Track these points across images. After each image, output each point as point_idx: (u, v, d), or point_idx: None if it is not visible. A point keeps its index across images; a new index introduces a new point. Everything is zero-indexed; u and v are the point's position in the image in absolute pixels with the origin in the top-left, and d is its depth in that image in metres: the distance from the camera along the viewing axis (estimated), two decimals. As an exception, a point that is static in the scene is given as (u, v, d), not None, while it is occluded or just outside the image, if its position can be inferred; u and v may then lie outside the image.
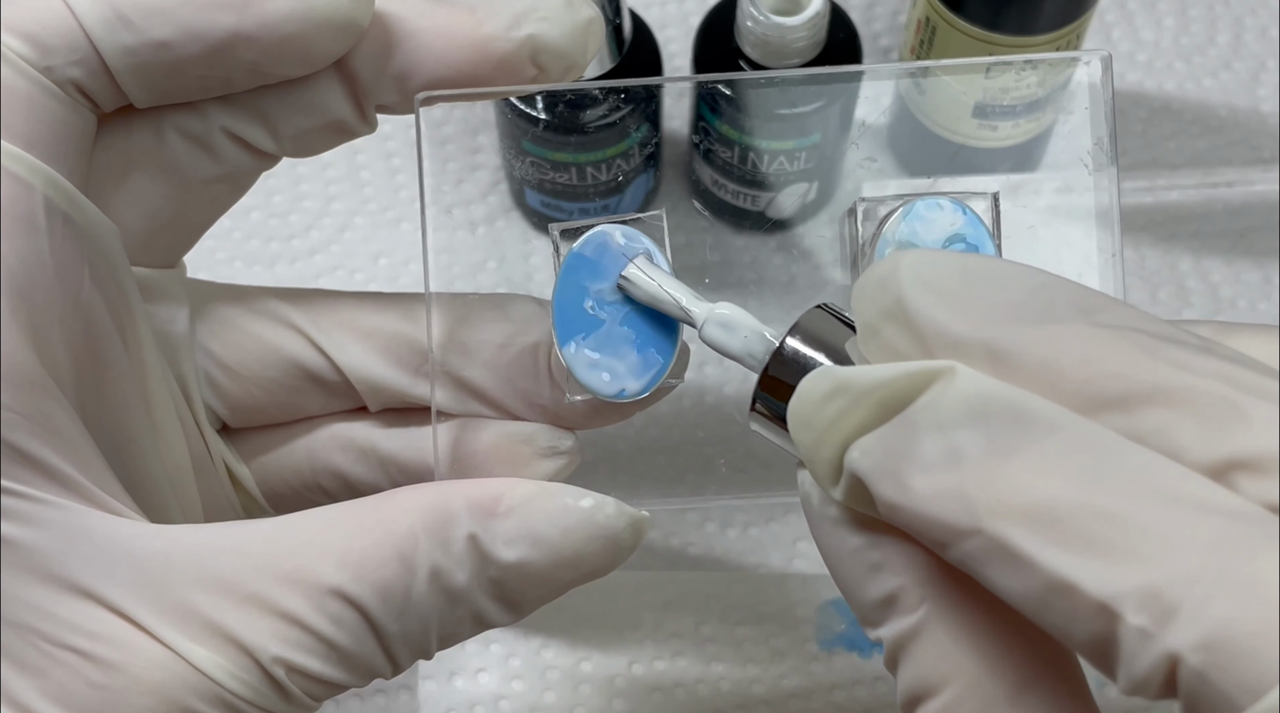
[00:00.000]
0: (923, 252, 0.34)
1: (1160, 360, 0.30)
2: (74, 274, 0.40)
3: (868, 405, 0.33)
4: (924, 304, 0.33)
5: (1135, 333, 0.31)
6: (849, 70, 0.54)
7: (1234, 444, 0.29)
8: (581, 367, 0.43)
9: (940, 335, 0.32)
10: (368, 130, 0.45)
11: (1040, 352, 0.31)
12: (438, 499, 0.40)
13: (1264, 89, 0.75)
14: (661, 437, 0.48)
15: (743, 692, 0.60)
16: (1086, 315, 0.31)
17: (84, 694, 0.36)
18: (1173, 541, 0.28)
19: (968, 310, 0.32)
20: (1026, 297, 0.32)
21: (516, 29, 0.42)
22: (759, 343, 0.40)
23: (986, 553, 0.30)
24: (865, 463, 0.33)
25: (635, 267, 0.42)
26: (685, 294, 0.42)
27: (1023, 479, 0.30)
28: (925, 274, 0.33)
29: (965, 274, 0.33)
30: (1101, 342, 0.31)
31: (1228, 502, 0.28)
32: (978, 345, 0.32)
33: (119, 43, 0.40)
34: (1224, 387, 0.29)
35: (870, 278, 0.34)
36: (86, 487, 0.38)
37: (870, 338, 0.34)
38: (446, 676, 0.60)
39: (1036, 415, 0.30)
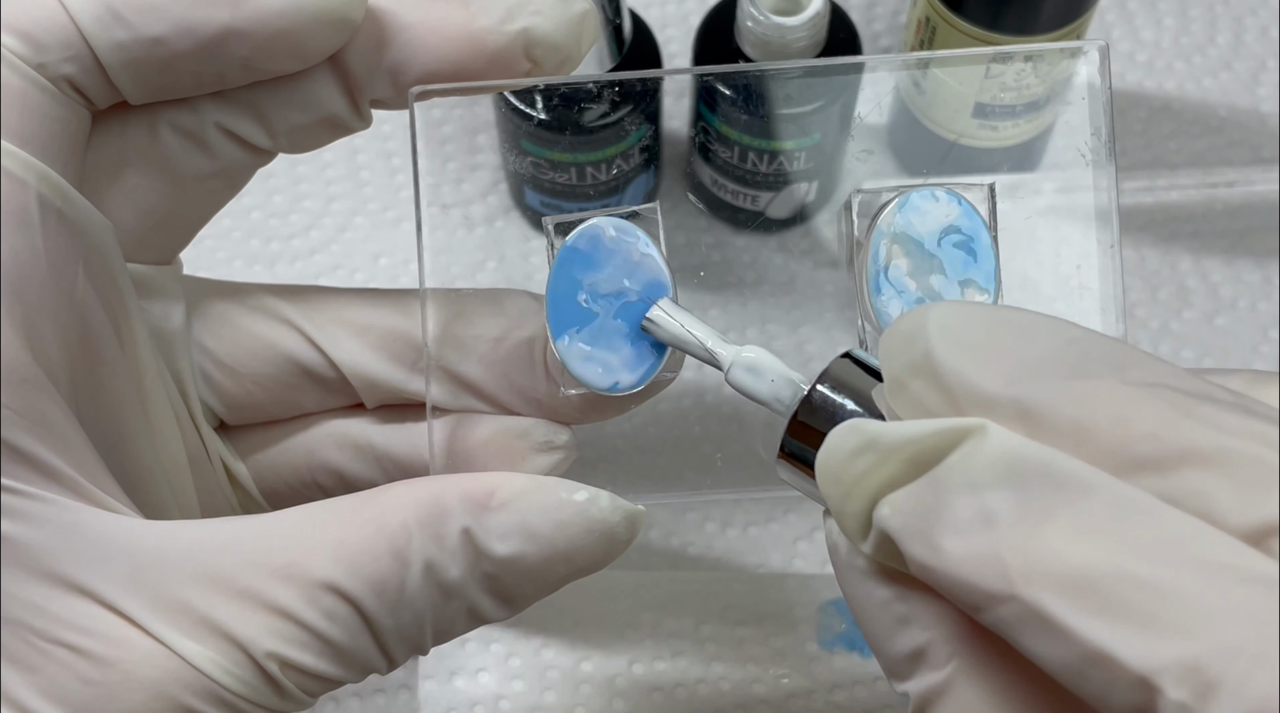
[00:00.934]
0: (951, 304, 0.33)
1: (1195, 420, 0.29)
2: (68, 270, 0.40)
3: (897, 461, 0.32)
4: (952, 360, 0.32)
5: (1169, 391, 0.30)
6: (849, 62, 0.54)
7: (1271, 508, 0.28)
8: (575, 360, 0.43)
9: (970, 392, 0.32)
10: (363, 125, 0.45)
11: (1073, 410, 0.30)
12: (431, 493, 0.40)
13: (1264, 89, 0.75)
14: (661, 435, 0.48)
15: (743, 692, 0.60)
16: (1118, 371, 0.31)
17: (78, 690, 0.36)
18: (1213, 612, 0.27)
19: (997, 366, 0.32)
20: (1057, 351, 0.32)
21: (510, 22, 0.42)
22: (786, 388, 0.40)
23: (1022, 620, 0.29)
24: (895, 521, 0.32)
25: (660, 309, 0.42)
26: (710, 336, 0.42)
27: (1058, 544, 0.29)
28: (953, 328, 0.33)
29: (994, 328, 0.32)
30: (1135, 400, 0.30)
31: (1267, 570, 0.28)
32: (1008, 403, 0.31)
33: (112, 39, 0.40)
34: (1260, 448, 0.29)
35: (897, 331, 0.34)
36: (80, 483, 0.38)
37: (898, 392, 0.34)
38: (447, 675, 0.60)
39: (1071, 477, 0.30)
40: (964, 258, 0.43)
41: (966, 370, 0.32)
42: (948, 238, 0.43)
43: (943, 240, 0.43)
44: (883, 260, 0.43)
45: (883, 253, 0.43)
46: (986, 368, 0.32)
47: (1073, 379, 0.31)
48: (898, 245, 0.43)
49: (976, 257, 0.43)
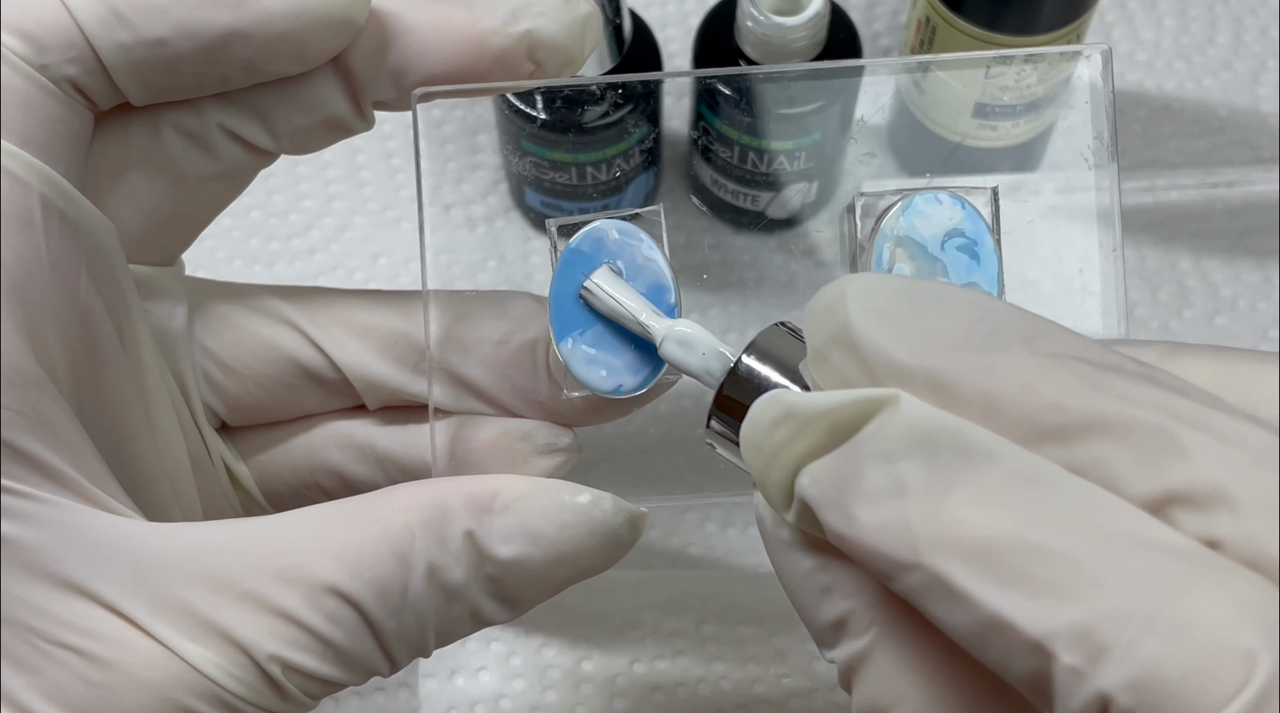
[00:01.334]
0: (870, 276, 0.34)
1: (1101, 390, 0.30)
2: (70, 272, 0.40)
3: (816, 431, 0.32)
4: (869, 331, 0.32)
5: (1077, 361, 0.30)
6: (849, 64, 0.54)
7: (1171, 478, 0.28)
8: (578, 362, 0.43)
9: (885, 363, 0.32)
10: (365, 127, 0.45)
11: (982, 381, 0.31)
12: (434, 496, 0.40)
13: (1264, 89, 0.75)
14: (662, 437, 0.48)
15: (744, 691, 0.60)
16: (1028, 343, 0.31)
17: (80, 692, 0.36)
18: (1106, 579, 0.28)
19: (912, 338, 0.32)
20: (971, 324, 0.32)
21: (513, 24, 0.42)
22: (716, 361, 0.41)
23: (927, 588, 0.30)
24: (813, 490, 0.32)
25: (594, 280, 0.42)
26: (645, 310, 0.42)
27: (962, 513, 0.29)
28: (871, 300, 0.33)
29: (911, 300, 0.32)
30: (1043, 371, 0.30)
31: (1163, 537, 0.28)
32: (921, 374, 0.31)
33: (115, 40, 0.40)
34: (1163, 418, 0.29)
35: (818, 302, 0.34)
36: (82, 484, 0.38)
37: (819, 363, 0.34)
38: (447, 674, 0.60)
39: (977, 446, 0.30)
40: (967, 261, 0.43)
41: (882, 342, 0.32)
42: (951, 241, 0.43)
43: (946, 244, 0.43)
44: (886, 263, 0.43)
45: (886, 256, 0.43)
46: (901, 339, 0.32)
47: (983, 351, 0.31)
48: (901, 248, 0.43)
49: (980, 260, 0.43)
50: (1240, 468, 0.28)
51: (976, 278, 0.43)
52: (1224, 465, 0.28)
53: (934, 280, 0.34)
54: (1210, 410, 0.29)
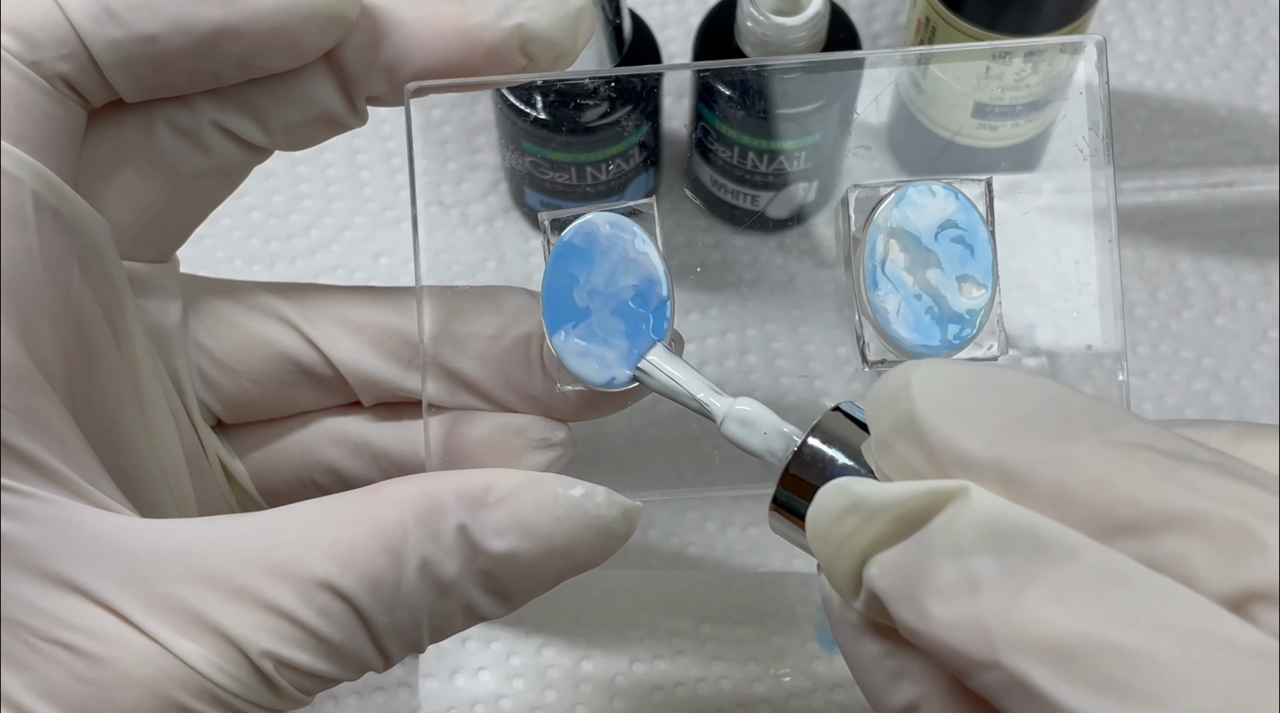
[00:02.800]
0: (934, 363, 0.33)
1: (1175, 483, 0.29)
2: (63, 269, 0.40)
3: (884, 521, 0.32)
4: (935, 421, 0.32)
5: (1150, 451, 0.30)
6: (848, 57, 0.54)
7: (1251, 574, 0.28)
8: (571, 355, 0.43)
9: (953, 454, 0.32)
10: (359, 122, 0.45)
11: (1054, 473, 0.30)
12: (427, 490, 0.40)
13: (1264, 89, 0.75)
14: (659, 434, 0.48)
15: (744, 691, 0.60)
16: (1100, 432, 0.31)
17: (72, 689, 0.36)
18: (1190, 682, 0.27)
19: (980, 428, 0.32)
20: (1039, 412, 0.31)
21: (505, 18, 0.42)
22: (779, 441, 0.40)
23: (1006, 687, 0.29)
24: (883, 582, 0.32)
25: (650, 360, 0.42)
26: (702, 387, 0.42)
27: (1040, 611, 0.29)
28: (936, 388, 0.32)
29: (977, 388, 0.32)
30: (1115, 462, 0.30)
31: (1246, 637, 0.28)
32: (990, 465, 0.31)
33: (107, 37, 0.40)
34: (1240, 511, 0.29)
35: (881, 391, 0.34)
36: (75, 481, 0.38)
37: (885, 452, 0.34)
38: (447, 674, 0.60)
39: (1053, 541, 0.30)
40: (961, 252, 0.43)
41: (949, 432, 0.32)
42: (945, 233, 0.42)
43: (940, 235, 0.43)
44: (879, 255, 0.43)
45: (880, 248, 0.43)
46: (969, 429, 0.32)
47: (1054, 441, 0.31)
48: (895, 240, 0.42)
49: (974, 251, 0.43)
50: None
51: (970, 270, 0.42)
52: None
53: (1000, 366, 0.33)
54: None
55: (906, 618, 0.31)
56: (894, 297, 0.42)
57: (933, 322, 0.42)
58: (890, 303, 0.42)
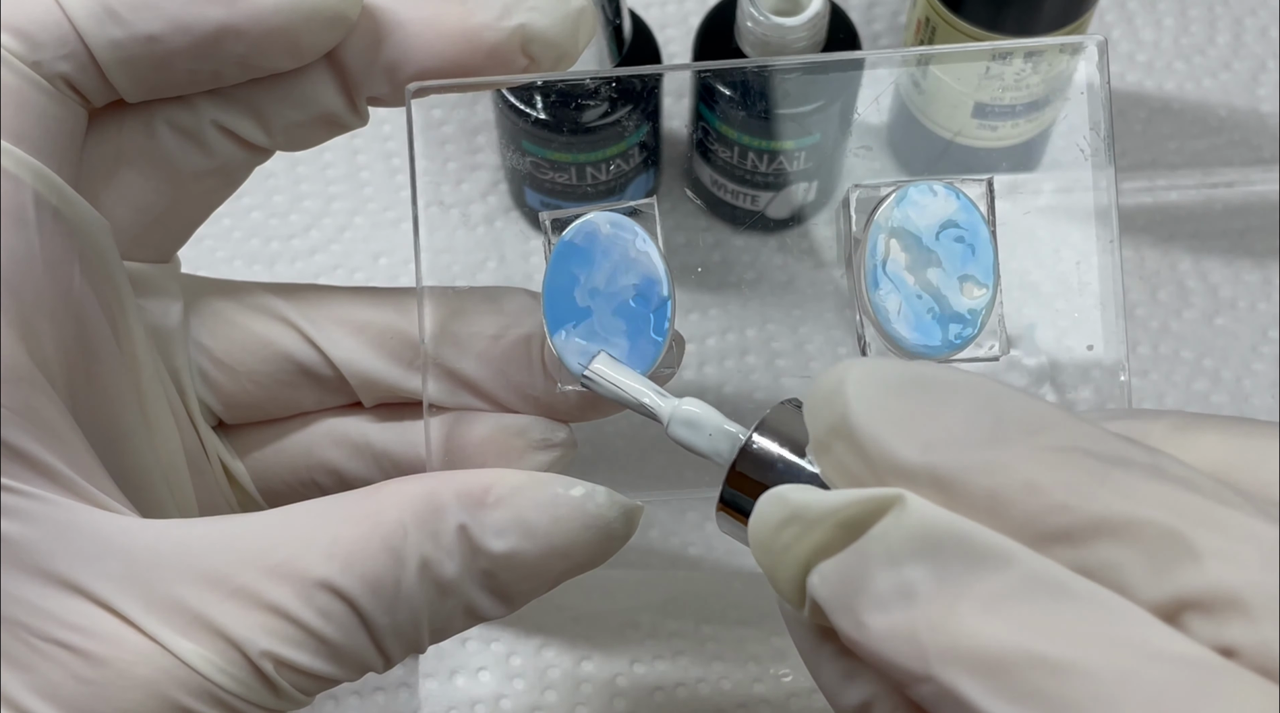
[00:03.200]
0: (869, 363, 0.33)
1: (1108, 489, 0.29)
2: (64, 269, 0.40)
3: (823, 529, 0.32)
4: (869, 425, 0.32)
5: (1082, 455, 0.30)
6: (847, 57, 0.54)
7: (1183, 582, 0.28)
8: (572, 355, 0.43)
9: (886, 460, 0.31)
10: (359, 122, 0.45)
11: (986, 480, 0.30)
12: (427, 490, 0.40)
13: (1264, 89, 0.75)
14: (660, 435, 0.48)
15: (744, 691, 0.60)
16: (1031, 436, 0.30)
17: (72, 689, 0.36)
18: (1117, 694, 0.27)
19: (913, 432, 0.31)
20: (973, 415, 0.31)
21: (506, 19, 0.42)
22: (724, 441, 0.40)
23: (940, 699, 0.29)
24: (823, 591, 0.32)
25: (596, 366, 0.42)
26: (649, 392, 0.41)
27: (971, 623, 0.29)
28: (870, 391, 0.32)
29: (911, 390, 0.32)
30: (1048, 467, 0.30)
31: (1177, 647, 0.27)
32: (924, 472, 0.31)
33: (107, 37, 0.40)
34: (1173, 518, 0.28)
35: (817, 391, 0.33)
36: (75, 481, 0.38)
37: (823, 453, 0.33)
38: (448, 674, 0.60)
39: (985, 550, 0.29)
40: (962, 252, 0.42)
41: (883, 437, 0.32)
42: (946, 232, 0.42)
43: (941, 235, 0.42)
44: (880, 255, 0.42)
45: (880, 247, 0.42)
46: (902, 434, 0.31)
47: (987, 446, 0.31)
48: (895, 240, 0.42)
49: (975, 251, 0.43)
50: (1252, 570, 0.28)
51: (971, 269, 0.42)
52: (1236, 568, 0.28)
53: (934, 366, 0.33)
54: (1219, 506, 0.29)
55: (845, 628, 0.31)
56: (895, 296, 0.42)
57: (934, 321, 0.42)
58: (891, 302, 0.42)
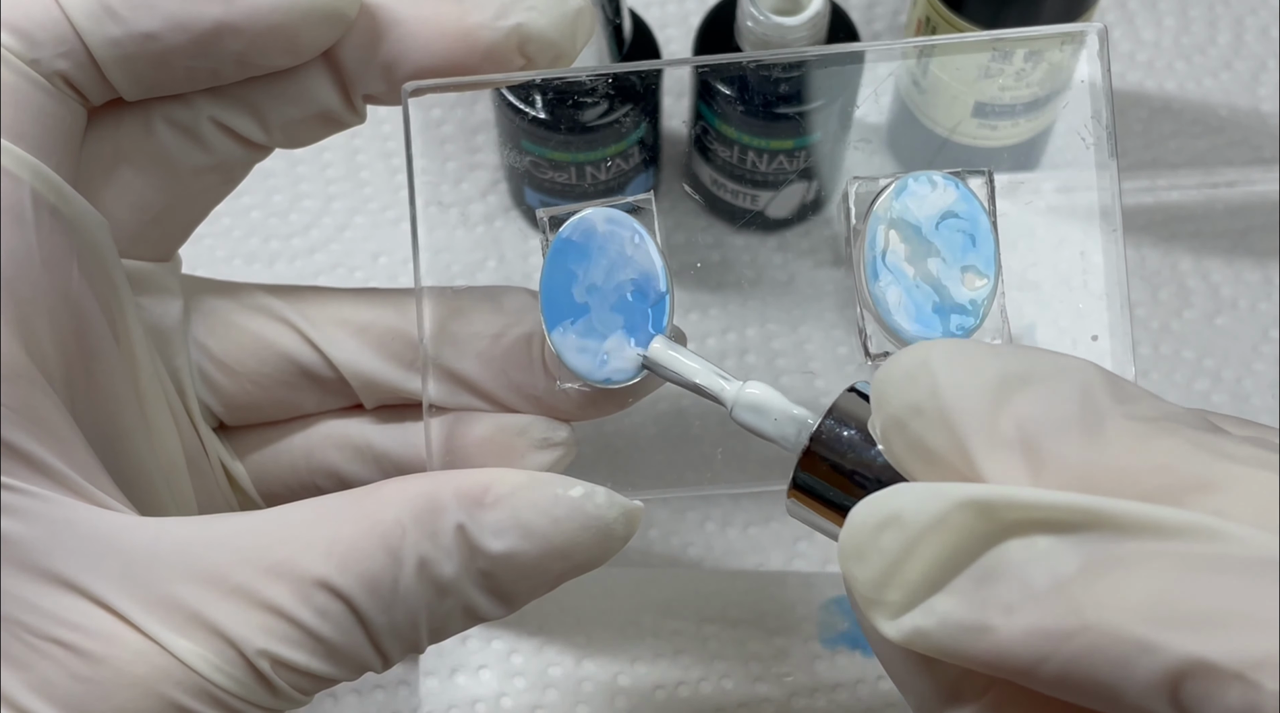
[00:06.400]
0: (950, 342, 0.33)
1: (1204, 451, 0.30)
2: (62, 267, 0.40)
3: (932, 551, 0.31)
4: (958, 399, 0.32)
5: (1174, 423, 0.30)
6: (846, 50, 0.54)
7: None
8: (570, 352, 0.42)
9: (976, 432, 0.31)
10: (357, 120, 0.45)
11: (1081, 450, 0.30)
12: (425, 490, 0.39)
13: (1264, 89, 0.75)
14: (660, 434, 0.48)
15: (746, 690, 0.60)
16: (1122, 405, 0.31)
17: (68, 687, 0.36)
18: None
19: (1002, 405, 0.31)
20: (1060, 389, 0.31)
21: (503, 18, 0.42)
22: (790, 426, 0.40)
23: (1096, 650, 0.29)
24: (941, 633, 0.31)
25: (655, 347, 0.42)
26: (710, 373, 0.41)
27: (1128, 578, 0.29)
28: (957, 367, 0.32)
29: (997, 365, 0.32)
30: (1144, 436, 0.30)
31: None
32: (1015, 441, 0.31)
33: (105, 35, 0.40)
34: (1269, 474, 0.29)
35: (895, 369, 0.33)
36: (73, 479, 0.38)
37: (896, 431, 0.33)
38: (448, 672, 0.60)
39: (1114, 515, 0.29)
40: (963, 242, 0.42)
41: (972, 410, 0.32)
42: (946, 223, 0.42)
43: (940, 225, 0.42)
44: (880, 246, 0.42)
45: (880, 239, 0.42)
46: (993, 408, 0.32)
47: (1081, 417, 0.31)
48: (895, 231, 0.42)
49: (975, 241, 0.42)
50: None
51: (972, 260, 0.42)
52: None
53: (1016, 346, 0.33)
54: None
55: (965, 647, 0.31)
56: (895, 288, 0.42)
57: (934, 312, 0.42)
58: (891, 294, 0.42)
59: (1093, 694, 0.29)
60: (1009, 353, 0.32)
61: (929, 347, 0.33)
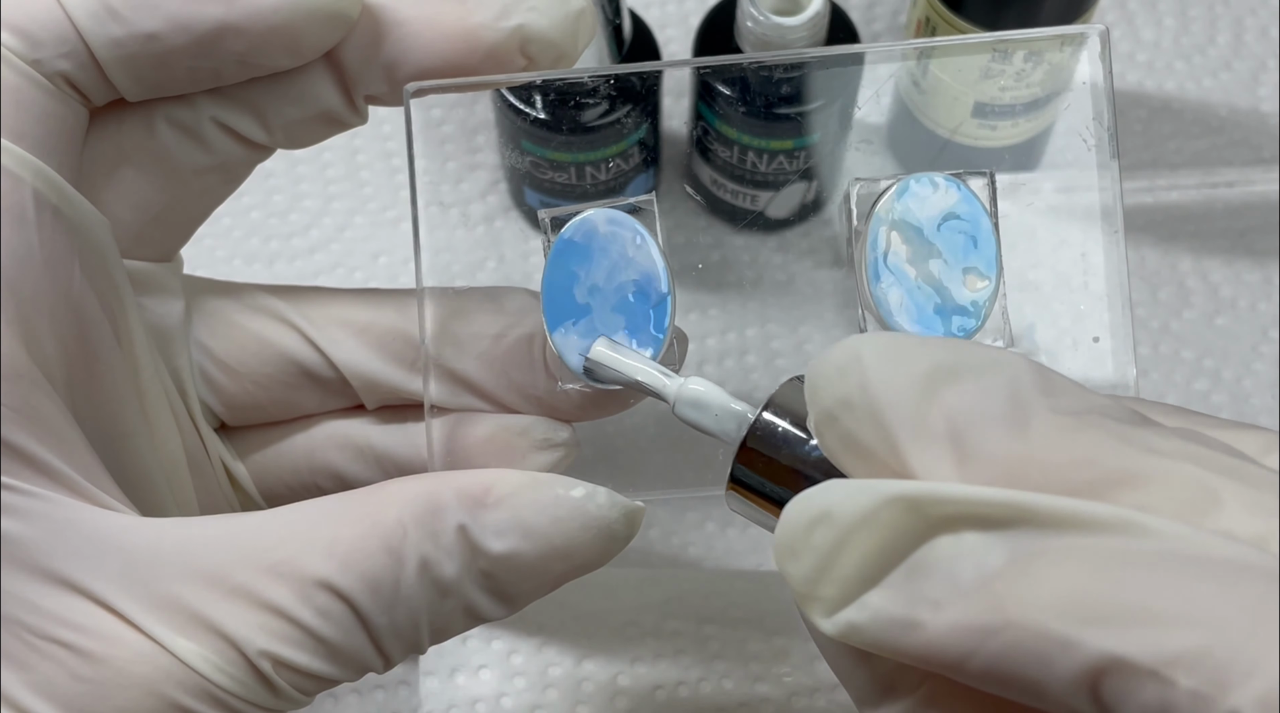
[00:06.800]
0: (882, 336, 0.33)
1: (1129, 445, 0.30)
2: (64, 267, 0.40)
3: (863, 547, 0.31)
4: (887, 393, 0.32)
5: (1101, 416, 0.30)
6: (846, 51, 0.54)
7: (1211, 526, 0.28)
8: (571, 353, 0.42)
9: (903, 427, 0.31)
10: (359, 121, 0.45)
11: (1007, 444, 0.30)
12: (426, 490, 0.39)
13: (1264, 89, 0.75)
14: (661, 434, 0.48)
15: (746, 690, 0.60)
16: (1051, 399, 0.31)
17: (69, 687, 0.36)
18: (1215, 601, 0.27)
19: (932, 400, 0.31)
20: (988, 382, 0.31)
21: (505, 19, 0.42)
22: (731, 421, 0.39)
23: (1018, 647, 0.29)
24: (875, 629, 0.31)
25: (597, 349, 0.42)
26: (653, 373, 0.41)
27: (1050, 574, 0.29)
28: (886, 361, 0.32)
29: (926, 359, 0.32)
30: (1070, 429, 0.30)
31: (1257, 558, 0.27)
32: (942, 435, 0.31)
33: (107, 35, 0.40)
34: (1193, 468, 0.29)
35: (827, 363, 0.33)
36: (74, 479, 0.38)
37: (828, 426, 0.33)
38: (448, 672, 0.60)
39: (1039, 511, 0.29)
40: (964, 243, 0.42)
41: (899, 404, 0.31)
42: (947, 224, 0.42)
43: (942, 226, 0.42)
44: (881, 247, 0.42)
45: (881, 240, 0.42)
46: (920, 402, 0.31)
47: (1007, 411, 0.31)
48: (896, 232, 0.42)
49: (977, 242, 0.42)
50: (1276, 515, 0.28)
51: (974, 261, 0.42)
52: (1263, 515, 0.28)
53: (946, 339, 0.33)
54: (1235, 459, 0.29)
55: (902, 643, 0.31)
56: (896, 289, 0.42)
57: (936, 314, 0.42)
58: (893, 296, 0.42)
59: (1018, 690, 0.29)
60: (939, 346, 0.32)
61: (861, 341, 0.33)
